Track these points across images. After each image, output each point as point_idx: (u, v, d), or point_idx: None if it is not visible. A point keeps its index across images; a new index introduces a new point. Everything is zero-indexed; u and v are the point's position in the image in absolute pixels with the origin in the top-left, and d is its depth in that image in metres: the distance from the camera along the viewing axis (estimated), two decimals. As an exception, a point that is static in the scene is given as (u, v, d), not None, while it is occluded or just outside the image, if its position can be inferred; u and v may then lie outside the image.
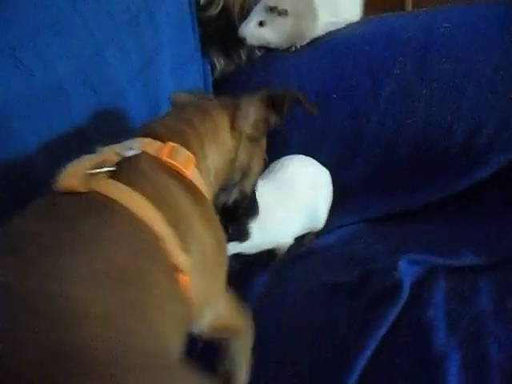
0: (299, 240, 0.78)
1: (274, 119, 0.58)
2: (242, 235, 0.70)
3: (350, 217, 0.77)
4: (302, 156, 0.81)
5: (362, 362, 0.51)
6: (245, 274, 0.74)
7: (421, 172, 0.73)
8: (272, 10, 0.86)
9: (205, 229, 0.47)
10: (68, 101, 0.65)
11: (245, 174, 0.59)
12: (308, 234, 0.79)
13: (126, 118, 0.74)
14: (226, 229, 0.68)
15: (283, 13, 0.86)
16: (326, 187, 0.80)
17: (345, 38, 0.85)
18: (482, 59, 0.69)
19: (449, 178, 0.69)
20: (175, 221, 0.42)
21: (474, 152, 0.68)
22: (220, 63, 1.00)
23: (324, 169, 0.81)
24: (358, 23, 0.91)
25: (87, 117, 0.68)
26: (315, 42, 0.89)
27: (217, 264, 0.50)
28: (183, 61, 0.91)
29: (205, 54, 0.98)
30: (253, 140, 0.58)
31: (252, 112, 0.56)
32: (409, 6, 1.45)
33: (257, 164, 0.62)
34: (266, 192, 0.73)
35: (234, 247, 0.71)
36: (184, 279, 0.41)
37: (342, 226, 0.77)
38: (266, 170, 0.80)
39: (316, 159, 0.81)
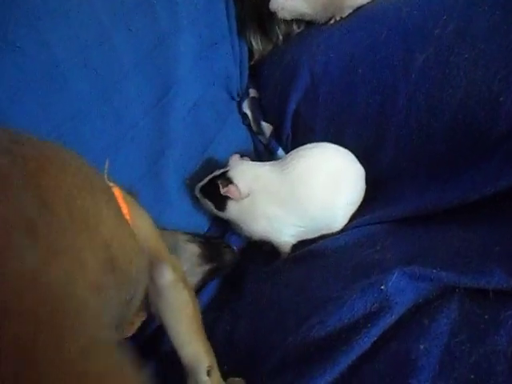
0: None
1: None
2: (218, 204, 0.66)
3: (371, 216, 0.62)
4: (330, 146, 0.67)
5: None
6: (238, 271, 0.66)
7: (459, 160, 0.56)
8: (302, -23, 0.76)
9: None
10: (65, 83, 0.65)
11: None
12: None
13: (130, 100, 0.71)
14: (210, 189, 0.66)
15: (315, -21, 0.76)
16: (353, 188, 0.65)
17: (385, 2, 0.71)
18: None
19: (494, 168, 0.51)
20: None
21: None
22: (258, 43, 0.92)
23: (357, 165, 0.66)
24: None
25: (87, 99, 0.67)
26: (355, 11, 0.76)
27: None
28: (212, 42, 0.85)
29: (241, 34, 0.91)
30: None
31: None
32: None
33: None
34: (265, 182, 0.64)
35: (215, 212, 0.68)
36: None
37: (358, 227, 0.63)
38: (283, 158, 0.70)
39: (341, 145, 0.68)
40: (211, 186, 0.65)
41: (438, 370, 0.39)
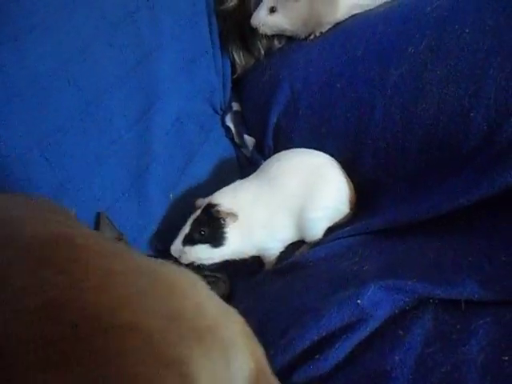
0: (292, 248, 0.68)
1: None
2: (217, 239, 0.63)
3: (350, 228, 0.64)
4: (304, 150, 0.70)
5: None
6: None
7: (433, 173, 0.58)
8: (282, -7, 0.78)
9: None
10: (48, 99, 0.65)
11: None
12: (304, 244, 0.69)
13: (114, 114, 0.72)
14: (200, 231, 0.63)
15: (294, -5, 0.78)
16: (328, 190, 0.66)
17: (362, 19, 0.73)
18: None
19: (465, 181, 0.53)
20: None
21: (497, 148, 0.51)
22: (240, 58, 0.93)
23: (335, 172, 0.67)
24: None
25: (70, 114, 0.67)
26: (333, 27, 0.78)
27: None
28: (195, 57, 0.87)
29: (224, 49, 0.93)
30: None
31: None
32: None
33: None
34: (248, 192, 0.65)
35: (213, 254, 0.64)
36: None
37: (338, 238, 0.64)
38: (258, 169, 0.71)
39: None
40: (195, 231, 0.63)
41: (411, 380, 0.40)
